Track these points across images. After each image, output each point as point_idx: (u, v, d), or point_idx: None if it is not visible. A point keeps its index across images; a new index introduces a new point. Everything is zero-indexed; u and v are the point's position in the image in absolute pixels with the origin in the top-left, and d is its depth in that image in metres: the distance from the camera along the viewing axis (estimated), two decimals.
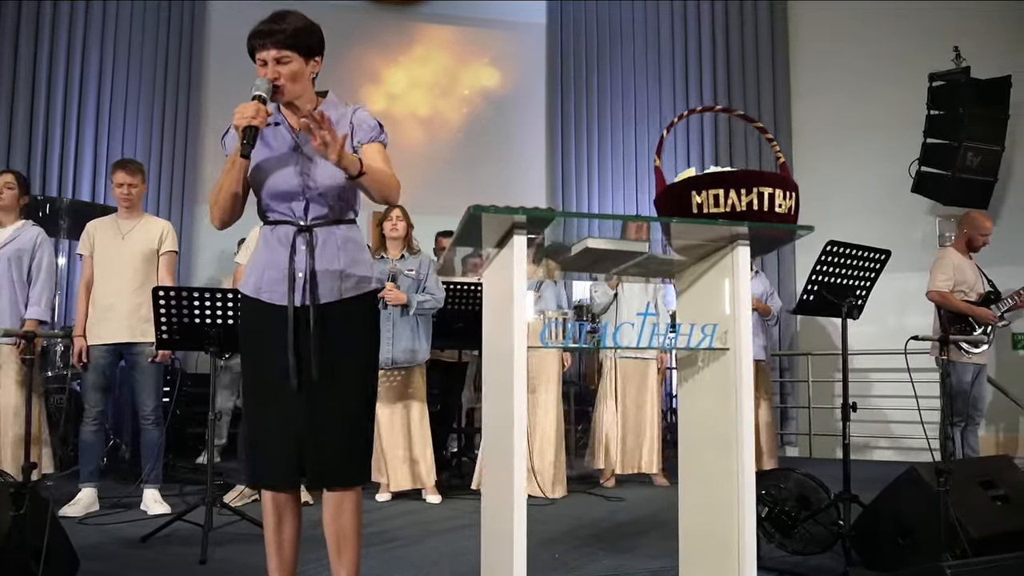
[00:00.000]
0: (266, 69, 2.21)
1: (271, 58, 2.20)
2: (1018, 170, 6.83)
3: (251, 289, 2.29)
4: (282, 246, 2.25)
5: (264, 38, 2.19)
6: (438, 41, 9.39)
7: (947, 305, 5.09)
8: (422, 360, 4.82)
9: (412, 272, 4.76)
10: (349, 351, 2.24)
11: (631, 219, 1.88)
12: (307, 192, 2.24)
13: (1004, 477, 3.29)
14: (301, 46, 2.23)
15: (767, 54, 8.21)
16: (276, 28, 2.19)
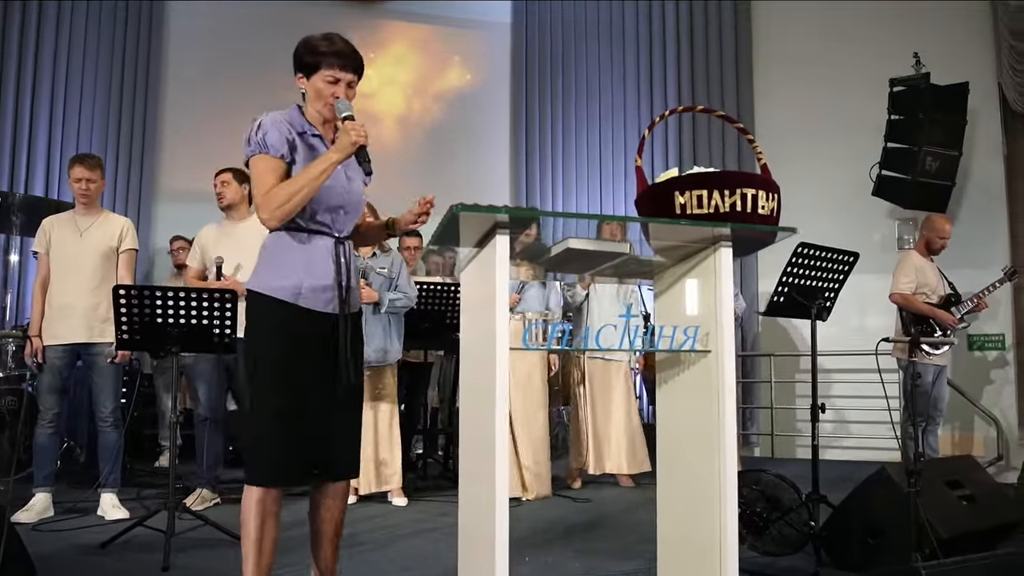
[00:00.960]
0: (337, 88, 2.35)
1: (347, 81, 2.37)
2: (975, 175, 6.96)
3: (289, 295, 2.31)
4: (322, 256, 2.35)
5: (346, 60, 2.36)
6: (403, 39, 9.31)
7: (909, 307, 5.16)
8: (393, 360, 4.75)
9: (384, 270, 4.69)
10: (360, 356, 2.45)
11: (616, 219, 1.86)
12: (346, 207, 2.40)
13: (970, 477, 3.34)
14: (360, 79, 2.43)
15: (731, 55, 8.26)
16: (356, 54, 2.39)
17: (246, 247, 4.50)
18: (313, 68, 2.36)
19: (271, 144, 2.31)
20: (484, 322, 1.98)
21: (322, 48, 2.35)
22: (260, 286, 2.34)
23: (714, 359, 2.11)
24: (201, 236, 4.53)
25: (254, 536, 2.31)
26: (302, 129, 2.37)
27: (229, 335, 3.56)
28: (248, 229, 4.54)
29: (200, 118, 8.34)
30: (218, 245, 4.43)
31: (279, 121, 2.36)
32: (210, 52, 8.44)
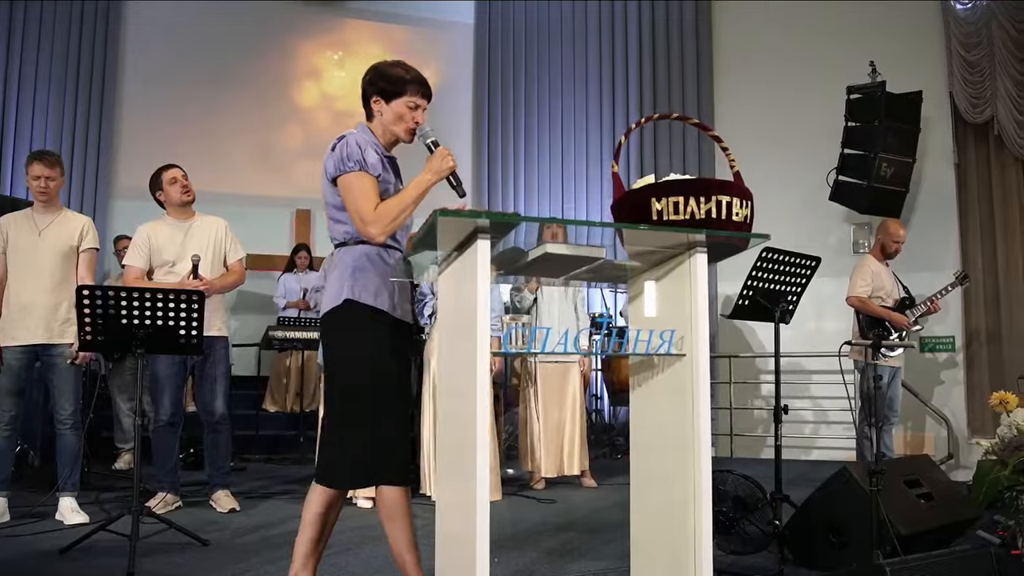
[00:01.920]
0: (417, 113, 2.53)
1: (423, 107, 2.54)
2: (927, 181, 7.15)
3: (388, 306, 2.44)
4: (401, 272, 2.47)
5: (425, 88, 2.54)
6: (364, 38, 9.27)
7: (866, 310, 5.29)
8: None
9: None
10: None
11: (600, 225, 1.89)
12: (409, 226, 2.53)
13: (927, 476, 3.44)
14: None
15: (691, 56, 8.36)
16: (429, 84, 2.56)
17: (208, 244, 4.46)
18: (394, 94, 2.51)
19: (371, 163, 2.44)
20: (464, 325, 1.99)
21: (404, 75, 2.52)
22: (360, 297, 2.42)
23: (689, 362, 2.15)
24: (148, 234, 4.39)
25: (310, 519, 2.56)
26: (378, 150, 2.53)
27: (195, 336, 3.52)
28: (203, 227, 4.49)
29: (158, 116, 8.25)
30: (181, 244, 4.36)
31: (371, 142, 2.52)
32: (168, 51, 8.35)
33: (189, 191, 4.45)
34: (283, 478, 5.77)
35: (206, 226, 4.49)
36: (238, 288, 4.84)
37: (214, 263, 4.43)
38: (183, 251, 4.30)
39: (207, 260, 4.35)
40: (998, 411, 3.16)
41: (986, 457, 3.12)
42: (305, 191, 8.77)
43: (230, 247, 4.51)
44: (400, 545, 2.42)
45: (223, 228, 4.52)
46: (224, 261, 4.49)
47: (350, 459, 2.41)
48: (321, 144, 8.69)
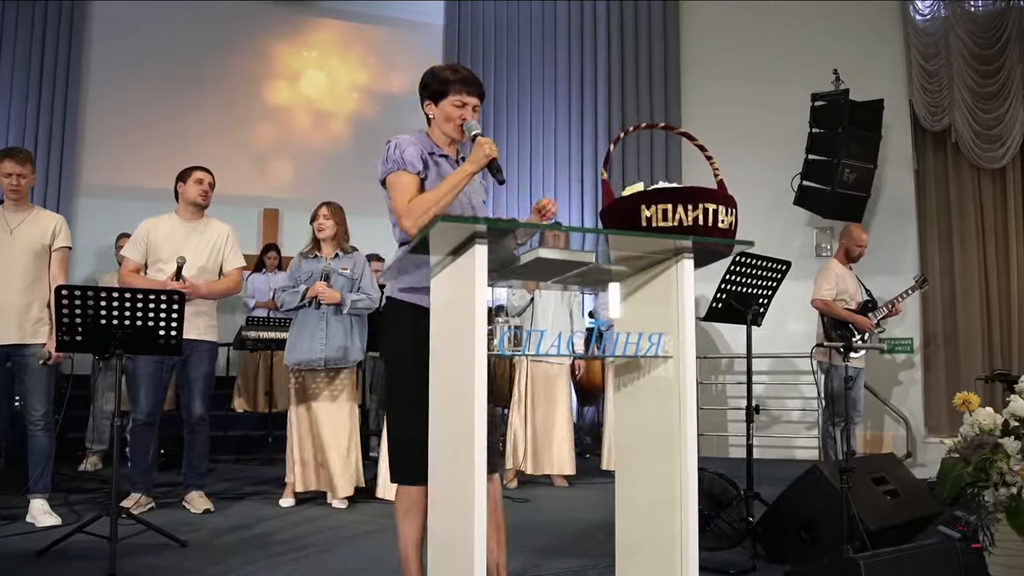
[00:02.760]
0: (465, 111, 2.57)
1: (473, 105, 2.59)
2: (887, 187, 7.35)
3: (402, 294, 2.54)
4: None
5: (472, 86, 2.58)
6: (334, 38, 9.25)
7: (830, 313, 5.43)
8: (354, 360, 4.76)
9: (346, 271, 4.70)
10: None
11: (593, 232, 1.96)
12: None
13: (893, 473, 3.57)
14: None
15: (659, 56, 8.45)
16: (479, 82, 2.62)
17: (206, 248, 4.46)
18: (441, 95, 2.57)
19: (408, 161, 2.51)
20: (462, 327, 2.03)
21: (450, 76, 2.57)
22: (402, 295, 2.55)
23: (676, 364, 2.21)
24: (149, 230, 4.41)
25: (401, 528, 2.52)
26: (431, 150, 2.59)
27: (175, 336, 3.51)
28: (206, 230, 4.49)
29: (124, 114, 8.18)
30: (181, 244, 4.36)
31: (412, 142, 2.57)
32: (135, 50, 8.29)
33: (207, 196, 4.51)
34: (253, 478, 5.76)
35: (209, 230, 4.51)
36: None
37: (211, 268, 4.44)
38: (179, 250, 4.29)
39: (202, 264, 4.37)
40: (961, 411, 3.28)
41: (949, 455, 3.24)
42: (274, 190, 8.74)
43: (229, 254, 4.52)
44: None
45: (225, 234, 4.54)
46: (221, 267, 4.51)
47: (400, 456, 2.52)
48: (292, 143, 8.82)
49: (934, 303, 7.25)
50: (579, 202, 8.75)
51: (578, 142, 8.78)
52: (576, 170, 8.78)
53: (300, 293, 4.63)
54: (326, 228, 4.73)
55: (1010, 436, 3.08)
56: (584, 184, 8.74)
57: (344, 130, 9.19)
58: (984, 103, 7.05)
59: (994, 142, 7.02)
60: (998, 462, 3.03)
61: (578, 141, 8.78)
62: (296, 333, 4.72)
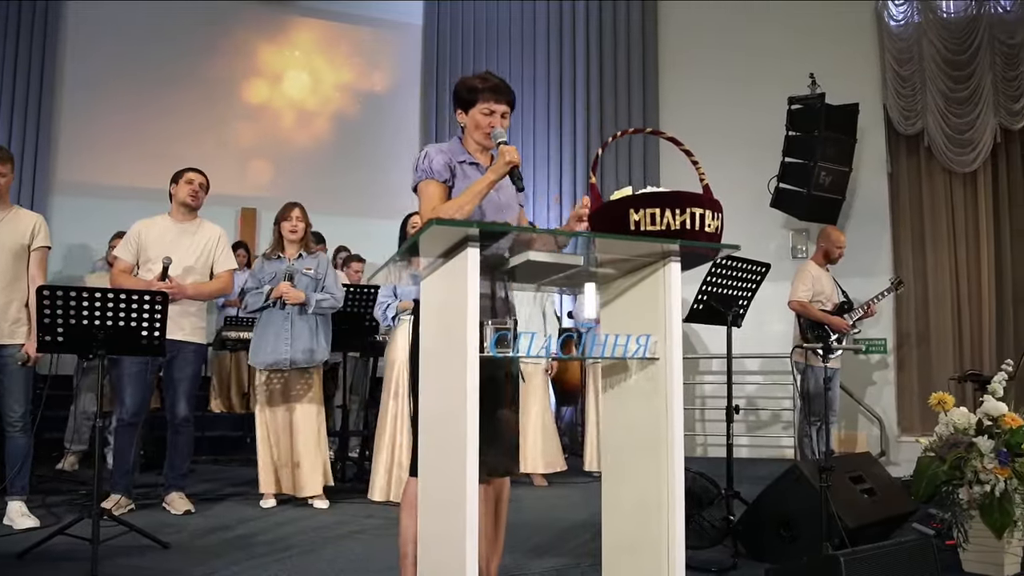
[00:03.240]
0: (492, 119, 2.60)
1: (501, 112, 2.62)
2: (862, 190, 7.45)
3: None
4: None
5: (500, 94, 2.62)
6: (313, 37, 9.22)
7: (806, 314, 5.51)
8: (320, 360, 4.75)
9: (310, 271, 4.70)
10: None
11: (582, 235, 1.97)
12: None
13: (869, 472, 3.63)
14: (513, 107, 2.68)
15: (638, 58, 8.49)
16: (509, 89, 2.66)
17: (197, 249, 4.45)
18: (471, 103, 2.61)
19: (436, 170, 2.57)
20: (454, 329, 2.05)
21: (478, 85, 2.61)
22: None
23: (663, 365, 2.25)
24: (141, 231, 4.41)
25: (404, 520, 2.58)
26: (462, 158, 2.63)
27: (158, 337, 3.50)
28: (198, 232, 4.49)
29: (99, 112, 8.13)
30: (171, 244, 4.35)
31: (443, 151, 2.62)
32: (111, 48, 8.24)
33: (196, 197, 4.51)
34: (232, 479, 5.73)
35: (201, 232, 4.51)
36: None
37: (199, 270, 4.43)
38: (169, 251, 4.28)
39: (190, 265, 4.36)
40: (936, 411, 3.35)
41: (925, 454, 3.31)
42: (253, 190, 8.69)
43: (220, 256, 4.53)
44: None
45: (217, 236, 4.53)
46: (212, 269, 4.50)
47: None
48: (272, 142, 8.76)
49: (907, 305, 7.36)
50: (558, 202, 8.78)
51: (556, 143, 8.82)
52: (555, 171, 8.82)
53: (264, 294, 4.63)
54: (299, 230, 4.73)
55: (984, 435, 3.16)
56: (563, 185, 8.78)
57: (324, 129, 9.17)
58: (956, 108, 7.17)
59: (965, 146, 7.15)
60: (972, 460, 3.11)
61: (556, 142, 8.82)
62: (261, 334, 4.71)
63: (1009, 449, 3.09)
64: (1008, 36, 7.11)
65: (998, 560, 3.14)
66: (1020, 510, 3.05)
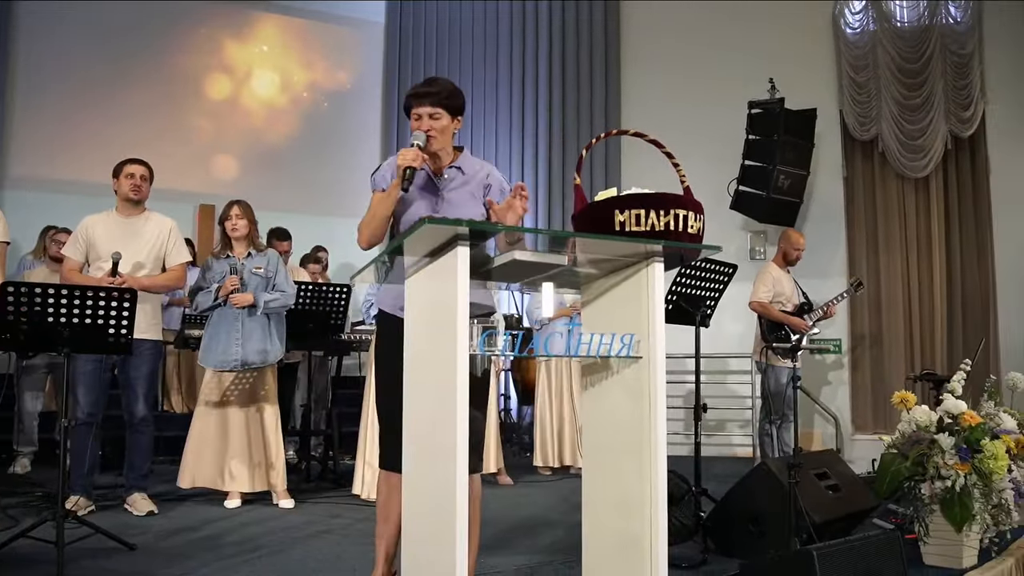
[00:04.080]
0: (420, 123, 2.64)
1: (425, 114, 2.65)
2: (818, 193, 7.62)
3: (389, 307, 2.72)
4: None
5: (421, 98, 2.65)
6: (275, 33, 9.10)
7: (766, 314, 5.62)
8: (273, 360, 4.69)
9: (260, 270, 4.63)
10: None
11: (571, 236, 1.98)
12: None
13: (833, 469, 3.72)
14: (449, 106, 2.68)
15: (600, 58, 8.56)
16: (431, 91, 2.66)
17: (146, 244, 4.36)
18: (408, 112, 2.70)
19: (377, 182, 2.73)
20: (443, 327, 2.05)
21: (409, 92, 2.71)
22: (383, 304, 2.77)
23: (646, 364, 2.28)
24: (87, 227, 4.30)
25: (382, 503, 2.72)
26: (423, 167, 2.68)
27: (125, 335, 3.43)
28: (147, 225, 4.39)
29: (55, 108, 7.93)
30: (118, 240, 4.25)
31: (391, 163, 2.73)
32: (67, 40, 8.05)
33: (139, 190, 4.36)
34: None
35: (151, 225, 4.40)
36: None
37: (150, 265, 4.34)
38: (117, 247, 4.17)
39: (140, 260, 4.26)
40: (899, 409, 3.45)
41: (888, 451, 3.41)
42: (213, 186, 8.55)
43: (172, 249, 4.42)
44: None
45: (168, 229, 4.43)
46: (164, 263, 4.40)
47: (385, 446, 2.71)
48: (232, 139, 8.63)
49: (861, 306, 7.55)
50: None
51: (519, 142, 8.85)
52: (517, 170, 8.84)
53: (212, 293, 4.56)
54: (239, 228, 4.66)
55: (944, 432, 3.26)
56: (525, 183, 8.79)
57: (287, 126, 9.06)
58: (909, 115, 7.38)
59: (918, 152, 7.36)
60: (934, 457, 3.21)
61: (519, 141, 8.85)
62: (212, 334, 4.62)
63: (969, 446, 3.19)
64: (959, 46, 7.34)
65: (957, 553, 3.24)
66: (979, 504, 3.15)
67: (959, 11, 7.44)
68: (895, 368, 7.37)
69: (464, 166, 2.77)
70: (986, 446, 3.18)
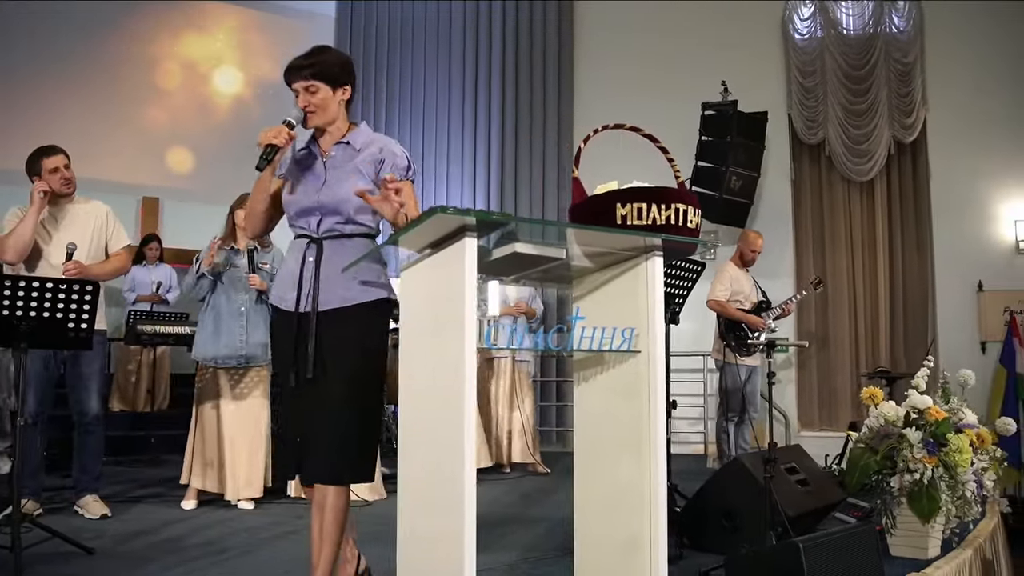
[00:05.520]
0: (300, 99, 2.52)
1: (301, 88, 2.51)
2: (767, 194, 7.78)
3: (275, 298, 2.59)
4: (295, 258, 2.52)
5: (295, 72, 2.52)
6: (230, 22, 8.88)
7: (724, 313, 5.69)
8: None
9: (266, 266, 4.51)
10: (347, 355, 2.41)
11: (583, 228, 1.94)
12: (322, 208, 2.49)
13: (802, 464, 3.79)
14: (328, 77, 2.51)
15: (553, 56, 8.59)
16: (304, 63, 2.51)
17: (85, 231, 4.16)
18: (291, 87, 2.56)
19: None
20: (447, 321, 2.01)
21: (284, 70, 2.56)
22: (275, 299, 2.62)
23: (644, 359, 2.27)
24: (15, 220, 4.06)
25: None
26: (303, 146, 2.61)
27: (85, 329, 3.29)
28: (81, 214, 4.19)
29: None
30: (56, 233, 4.05)
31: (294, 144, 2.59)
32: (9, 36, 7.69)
33: (70, 183, 4.09)
34: (142, 481, 5.44)
35: (85, 212, 4.17)
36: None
37: (95, 252, 4.13)
38: (58, 241, 3.98)
39: (85, 248, 4.05)
40: (867, 404, 3.53)
41: (856, 446, 3.48)
42: (156, 179, 8.30)
43: (112, 234, 4.21)
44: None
45: (104, 214, 4.22)
46: (106, 249, 4.20)
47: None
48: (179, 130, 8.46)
49: (807, 306, 7.73)
50: (471, 198, 8.76)
51: (471, 140, 8.80)
52: (469, 167, 8.80)
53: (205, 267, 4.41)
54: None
55: (912, 427, 3.35)
56: (476, 181, 8.76)
57: (233, 118, 8.84)
58: (855, 120, 7.59)
59: (863, 156, 7.57)
60: (903, 451, 3.29)
61: (471, 139, 8.80)
62: (212, 326, 4.44)
63: (935, 440, 3.29)
64: (902, 55, 7.57)
65: (922, 544, 3.33)
66: (945, 496, 3.24)
67: (902, 21, 7.68)
68: (840, 367, 7.57)
69: (354, 140, 2.55)
70: (951, 440, 3.28)
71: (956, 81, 7.52)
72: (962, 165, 7.49)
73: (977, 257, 7.44)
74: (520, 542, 3.76)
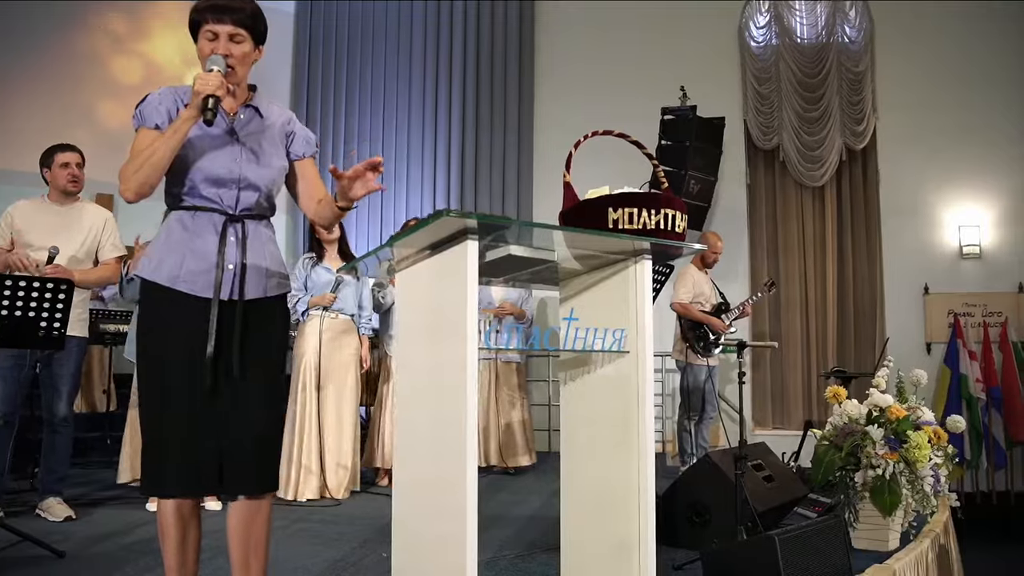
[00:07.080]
0: (216, 44, 2.16)
1: (225, 33, 2.16)
2: (723, 199, 7.94)
3: (165, 277, 2.15)
4: (209, 234, 2.16)
5: (222, 12, 2.15)
6: (175, 15, 8.72)
7: (687, 314, 5.82)
8: None
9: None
10: (269, 352, 2.21)
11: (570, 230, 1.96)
12: (241, 182, 2.20)
13: (767, 460, 3.91)
14: (255, 30, 2.23)
15: (514, 57, 8.61)
16: (236, 5, 2.17)
17: (81, 236, 4.11)
18: (196, 29, 2.19)
19: (146, 116, 2.19)
20: (448, 323, 2.04)
21: (200, 5, 2.18)
22: (142, 270, 2.18)
23: (633, 359, 2.34)
24: (14, 214, 4.01)
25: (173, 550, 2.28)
26: (180, 100, 2.21)
27: (57, 329, 3.24)
28: (83, 216, 4.15)
29: None
30: (51, 231, 3.98)
31: (165, 93, 2.24)
32: None
33: (78, 181, 4.12)
34: (103, 483, 5.35)
35: (86, 215, 4.15)
36: None
37: (83, 258, 4.09)
38: (53, 237, 3.92)
39: (73, 249, 4.01)
40: (832, 403, 3.66)
41: (821, 443, 3.61)
42: (108, 175, 8.11)
43: (106, 241, 4.18)
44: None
45: (104, 220, 4.18)
46: (97, 256, 4.16)
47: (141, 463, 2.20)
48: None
49: (761, 307, 7.92)
50: (431, 199, 8.76)
51: (431, 141, 8.80)
52: (429, 166, 8.79)
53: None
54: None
55: (874, 424, 3.48)
56: (437, 182, 8.76)
57: None
58: (808, 126, 7.81)
59: (815, 162, 7.79)
60: (867, 447, 3.42)
61: (431, 139, 8.80)
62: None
63: (896, 436, 3.43)
64: (853, 64, 7.81)
65: (883, 537, 3.47)
66: (906, 491, 3.39)
67: (854, 31, 7.92)
68: (792, 368, 7.77)
69: (262, 108, 2.29)
70: (912, 437, 3.42)
71: (905, 90, 7.79)
72: (910, 172, 7.76)
73: (923, 261, 7.71)
74: (499, 537, 3.81)
